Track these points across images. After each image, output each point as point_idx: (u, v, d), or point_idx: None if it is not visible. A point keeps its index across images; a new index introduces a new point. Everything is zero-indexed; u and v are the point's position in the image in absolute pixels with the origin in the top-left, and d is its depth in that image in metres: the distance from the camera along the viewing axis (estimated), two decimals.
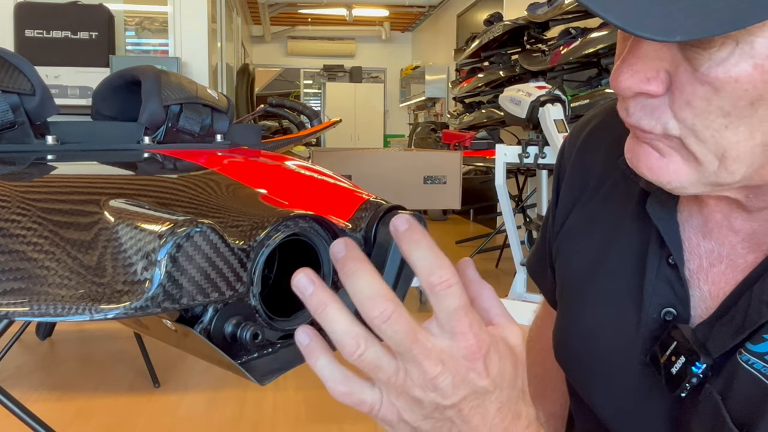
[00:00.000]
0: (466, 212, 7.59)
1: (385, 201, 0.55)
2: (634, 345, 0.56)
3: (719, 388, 0.49)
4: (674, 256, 0.54)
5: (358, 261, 0.39)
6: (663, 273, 0.55)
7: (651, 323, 0.55)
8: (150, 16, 4.53)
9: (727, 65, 0.39)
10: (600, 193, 0.64)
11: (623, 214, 0.60)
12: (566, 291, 0.67)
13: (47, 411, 2.16)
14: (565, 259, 0.67)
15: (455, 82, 6.19)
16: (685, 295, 0.53)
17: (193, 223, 0.42)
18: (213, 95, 1.00)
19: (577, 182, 0.67)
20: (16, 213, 0.47)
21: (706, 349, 0.49)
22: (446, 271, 0.38)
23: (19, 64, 0.81)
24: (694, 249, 0.55)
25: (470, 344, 0.39)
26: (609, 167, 0.63)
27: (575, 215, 0.67)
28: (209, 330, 0.46)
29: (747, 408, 0.47)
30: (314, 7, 9.45)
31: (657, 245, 0.55)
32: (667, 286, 0.54)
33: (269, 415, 2.23)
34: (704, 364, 0.49)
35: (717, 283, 0.53)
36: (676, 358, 0.51)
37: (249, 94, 6.53)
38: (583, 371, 0.63)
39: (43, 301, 0.41)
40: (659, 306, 0.55)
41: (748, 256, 0.52)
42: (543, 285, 0.77)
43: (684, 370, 0.50)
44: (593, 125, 0.69)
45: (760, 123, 0.41)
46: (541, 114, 3.21)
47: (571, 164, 0.69)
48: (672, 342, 0.52)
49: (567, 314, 0.66)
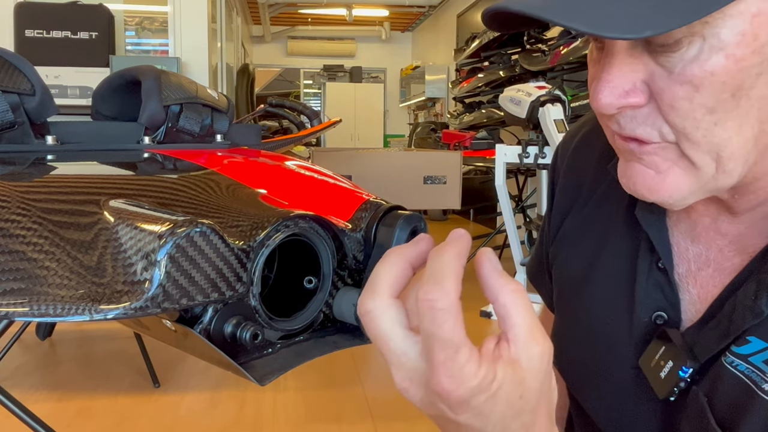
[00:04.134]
0: (466, 212, 7.59)
1: (385, 201, 0.55)
2: (626, 349, 0.56)
3: (705, 390, 0.49)
4: (663, 261, 0.54)
5: (461, 246, 0.36)
6: (653, 277, 0.55)
7: (642, 327, 0.55)
8: (150, 16, 4.53)
9: (700, 61, 0.40)
10: (593, 199, 0.65)
11: (614, 219, 0.61)
12: (562, 296, 0.67)
13: (47, 411, 2.16)
14: (561, 265, 0.68)
15: (455, 82, 6.19)
16: (676, 299, 0.54)
17: (193, 224, 0.42)
18: (213, 95, 1.00)
19: (570, 189, 0.68)
20: (16, 213, 0.47)
21: (693, 353, 0.50)
22: (437, 290, 0.34)
23: (19, 64, 0.81)
24: (683, 253, 0.55)
25: (440, 384, 0.34)
26: (600, 173, 0.64)
27: (570, 221, 0.67)
28: (209, 330, 0.46)
29: (731, 409, 0.47)
30: (314, 7, 9.44)
31: (647, 250, 0.56)
32: (657, 290, 0.55)
33: (269, 415, 2.23)
34: (691, 369, 0.49)
35: (705, 287, 0.53)
36: (664, 363, 0.51)
37: (249, 94, 6.52)
38: (577, 375, 0.64)
39: (43, 302, 0.41)
40: (650, 310, 0.55)
41: (735, 258, 0.52)
42: (542, 290, 0.78)
43: (671, 374, 0.50)
44: (584, 132, 0.69)
45: (746, 114, 0.42)
46: (541, 114, 3.21)
47: (564, 171, 0.70)
48: (661, 346, 0.52)
49: (562, 319, 0.67)
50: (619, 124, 0.46)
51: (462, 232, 0.37)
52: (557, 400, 0.84)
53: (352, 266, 0.53)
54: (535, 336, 0.36)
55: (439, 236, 0.34)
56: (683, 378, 0.49)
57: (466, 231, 0.38)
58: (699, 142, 0.43)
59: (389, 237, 0.50)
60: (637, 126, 0.45)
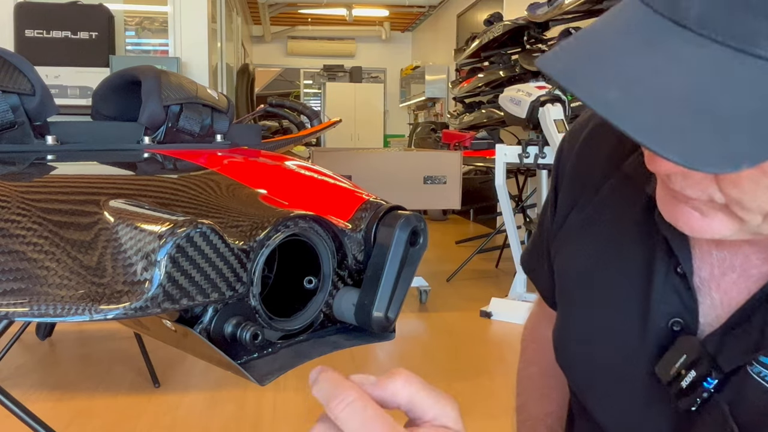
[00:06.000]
0: (466, 212, 7.59)
1: (385, 201, 0.55)
2: (638, 354, 0.55)
3: (728, 399, 0.48)
4: (683, 266, 0.53)
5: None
6: (671, 282, 0.54)
7: (658, 332, 0.54)
8: (150, 16, 4.53)
9: None
10: (601, 195, 0.64)
11: (626, 218, 0.59)
12: (566, 293, 0.66)
13: (47, 411, 2.16)
14: (565, 260, 0.67)
15: (455, 82, 6.19)
16: (694, 305, 0.53)
17: (193, 224, 0.42)
18: (213, 95, 1.00)
19: (577, 182, 0.67)
20: (16, 213, 0.47)
21: (717, 363, 0.49)
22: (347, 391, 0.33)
23: (19, 64, 0.81)
24: (705, 257, 0.54)
25: None
26: (610, 169, 0.63)
27: (575, 216, 0.66)
28: (209, 330, 0.46)
29: (756, 419, 0.46)
30: (314, 7, 9.44)
31: (664, 253, 0.55)
32: (675, 296, 0.54)
33: (269, 415, 2.23)
34: (716, 380, 0.48)
35: (729, 293, 0.52)
36: (686, 372, 0.50)
37: (249, 94, 6.52)
38: (582, 376, 0.63)
39: (43, 302, 0.41)
40: (667, 316, 0.54)
41: (763, 267, 0.51)
42: (539, 282, 0.77)
43: (694, 384, 0.49)
44: (593, 125, 0.68)
45: None
46: (541, 114, 3.21)
47: (570, 164, 0.69)
48: (681, 355, 0.51)
49: (566, 316, 0.66)
50: (669, 178, 0.45)
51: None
52: (555, 397, 0.83)
53: (352, 266, 0.53)
54: (443, 402, 0.35)
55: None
56: (707, 389, 0.48)
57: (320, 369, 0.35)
58: (751, 209, 0.42)
59: (389, 237, 0.50)
60: (687, 186, 0.44)
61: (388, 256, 0.50)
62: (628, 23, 0.39)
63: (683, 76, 0.36)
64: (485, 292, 3.68)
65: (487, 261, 4.81)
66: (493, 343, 3.14)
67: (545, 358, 0.80)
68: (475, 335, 3.19)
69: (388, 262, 0.50)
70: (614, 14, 0.41)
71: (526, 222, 4.10)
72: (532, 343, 0.83)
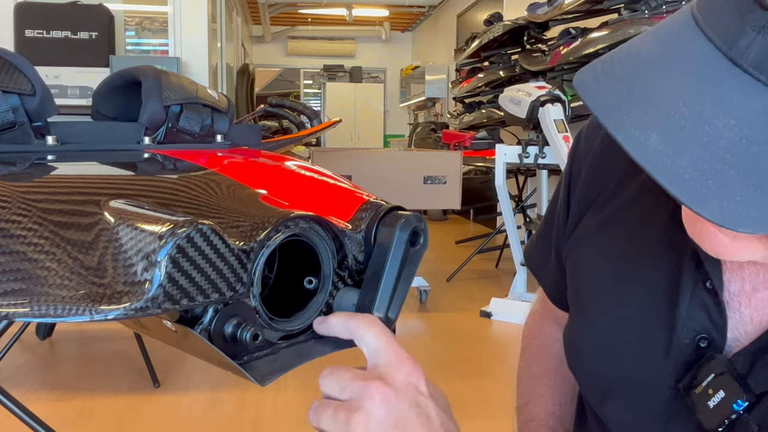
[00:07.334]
0: (466, 212, 7.59)
1: (385, 201, 0.55)
2: (662, 369, 0.53)
3: (758, 421, 0.46)
4: (713, 282, 0.51)
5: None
6: (699, 297, 0.52)
7: (683, 348, 0.52)
8: (150, 16, 4.53)
9: None
10: (621, 198, 0.61)
11: (650, 224, 0.57)
12: (579, 296, 0.64)
13: (47, 411, 2.16)
14: (581, 263, 0.64)
15: (455, 82, 6.19)
16: (722, 322, 0.51)
17: (194, 224, 0.42)
18: (213, 95, 1.00)
19: (595, 183, 0.65)
20: (16, 214, 0.47)
21: (748, 385, 0.47)
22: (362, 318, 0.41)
23: (19, 64, 0.81)
24: (736, 271, 0.52)
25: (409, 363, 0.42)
26: (631, 172, 0.60)
27: (591, 217, 0.64)
28: (209, 330, 0.46)
29: None
30: (314, 7, 9.44)
31: (692, 266, 0.53)
32: (702, 312, 0.52)
33: (269, 415, 2.23)
34: (746, 403, 0.47)
35: (760, 309, 0.50)
36: (713, 392, 0.48)
37: (249, 94, 6.52)
38: (599, 386, 0.61)
39: (44, 302, 0.41)
40: (693, 332, 0.52)
41: None
42: (543, 279, 0.75)
43: (723, 405, 0.47)
44: None
45: None
46: (541, 114, 3.21)
47: (588, 164, 0.66)
48: (709, 374, 0.49)
49: (582, 322, 0.63)
50: None
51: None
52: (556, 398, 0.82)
53: (353, 267, 0.53)
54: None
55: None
56: (737, 411, 0.47)
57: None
58: None
59: (390, 237, 0.50)
60: None
61: (388, 257, 0.50)
62: (679, 55, 0.38)
63: (729, 126, 0.35)
64: (485, 292, 3.68)
65: (487, 261, 4.81)
66: (493, 343, 3.14)
67: (548, 358, 0.79)
68: (475, 335, 3.19)
69: (389, 263, 0.50)
70: (667, 37, 0.39)
71: (526, 222, 4.10)
72: (534, 342, 0.82)
